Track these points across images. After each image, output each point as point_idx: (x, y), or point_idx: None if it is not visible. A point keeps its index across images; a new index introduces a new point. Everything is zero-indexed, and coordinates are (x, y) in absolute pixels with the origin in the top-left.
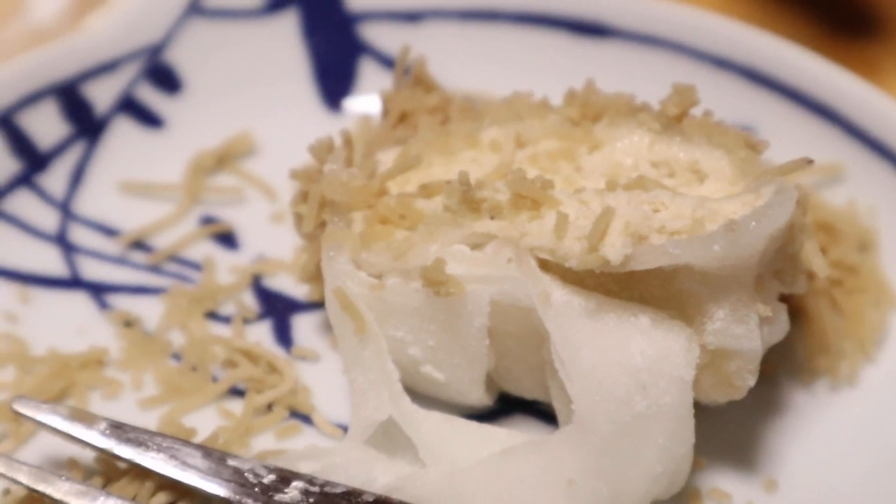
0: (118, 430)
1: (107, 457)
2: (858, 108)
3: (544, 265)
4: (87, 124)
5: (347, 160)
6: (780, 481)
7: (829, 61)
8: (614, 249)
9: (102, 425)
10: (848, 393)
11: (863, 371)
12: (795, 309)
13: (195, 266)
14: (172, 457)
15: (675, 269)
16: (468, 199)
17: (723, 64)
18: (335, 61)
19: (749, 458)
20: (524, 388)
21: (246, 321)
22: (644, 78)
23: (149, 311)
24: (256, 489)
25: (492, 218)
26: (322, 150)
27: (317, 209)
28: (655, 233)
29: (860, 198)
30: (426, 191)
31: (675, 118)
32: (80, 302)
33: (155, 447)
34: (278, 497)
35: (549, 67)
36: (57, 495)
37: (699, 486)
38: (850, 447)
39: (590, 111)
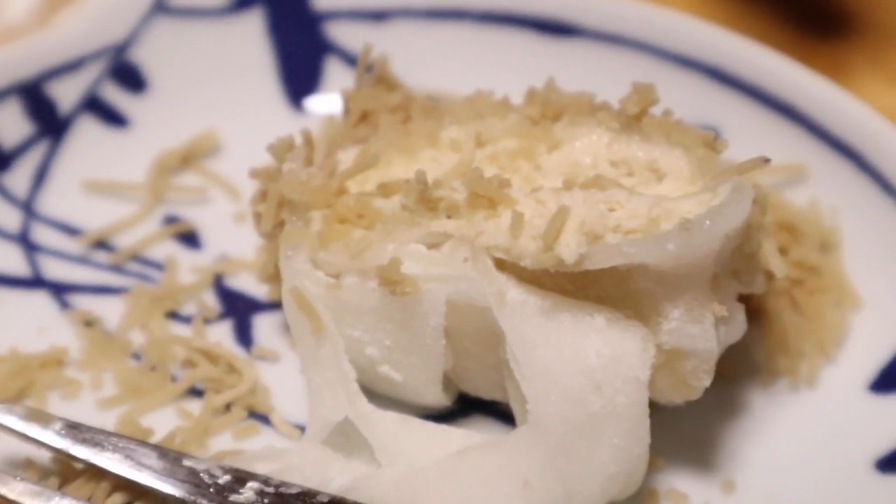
0: (74, 430)
1: (63, 457)
2: (821, 107)
3: (500, 264)
4: (50, 123)
5: (307, 159)
6: (737, 482)
7: (798, 61)
8: (569, 249)
9: (58, 425)
10: (807, 394)
11: (823, 372)
12: (755, 309)
13: (157, 266)
14: (128, 457)
15: (630, 269)
16: (425, 198)
17: (686, 63)
18: (301, 60)
19: (707, 458)
20: (482, 388)
21: (207, 321)
22: (609, 77)
23: (110, 310)
24: (211, 490)
25: (449, 217)
26: (281, 149)
27: (275, 208)
28: (610, 232)
29: (822, 198)
30: (384, 190)
31: (635, 117)
32: (41, 301)
33: (111, 447)
34: (233, 498)
35: (514, 66)
36: (11, 496)
37: (656, 486)
38: (809, 448)
39: (550, 110)
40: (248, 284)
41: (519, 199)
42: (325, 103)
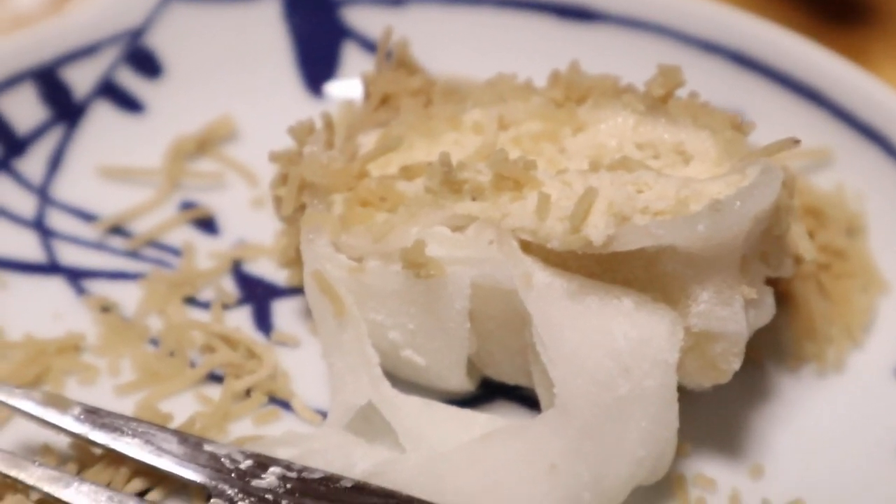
0: (93, 415)
1: (81, 442)
2: (846, 91)
3: (526, 247)
4: (66, 108)
5: (328, 142)
6: (765, 467)
7: (819, 46)
8: (597, 230)
9: (77, 410)
10: (835, 379)
11: (850, 357)
12: (783, 294)
13: (174, 251)
14: (148, 442)
15: (658, 251)
16: (449, 180)
17: (711, 47)
18: (318, 45)
19: (735, 443)
20: (506, 373)
21: (225, 306)
22: (632, 62)
23: (127, 296)
24: (233, 475)
25: (473, 199)
26: (302, 132)
27: (296, 192)
28: (639, 213)
29: (848, 182)
30: (407, 173)
31: (661, 99)
32: (57, 287)
33: (130, 432)
34: (255, 483)
35: (535, 51)
36: (30, 481)
37: (684, 471)
38: (837, 433)
39: (574, 93)
40: (267, 270)
41: (545, 181)
42: (343, 88)
